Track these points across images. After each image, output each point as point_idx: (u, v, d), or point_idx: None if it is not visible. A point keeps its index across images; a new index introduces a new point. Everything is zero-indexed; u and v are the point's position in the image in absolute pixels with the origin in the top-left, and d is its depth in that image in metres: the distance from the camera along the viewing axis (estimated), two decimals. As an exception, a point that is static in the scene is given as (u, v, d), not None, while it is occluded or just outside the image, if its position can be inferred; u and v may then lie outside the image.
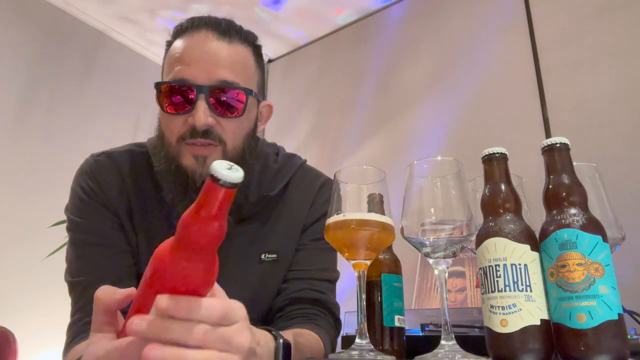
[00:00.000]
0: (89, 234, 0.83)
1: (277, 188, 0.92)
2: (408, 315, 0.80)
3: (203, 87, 0.77)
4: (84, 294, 0.79)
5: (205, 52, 0.79)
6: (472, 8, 2.36)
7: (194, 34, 0.81)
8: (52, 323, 2.20)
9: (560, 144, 0.61)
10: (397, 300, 0.75)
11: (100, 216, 0.84)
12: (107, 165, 0.87)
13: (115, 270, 0.82)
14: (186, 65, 0.78)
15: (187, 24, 0.83)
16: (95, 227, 0.83)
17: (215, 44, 0.80)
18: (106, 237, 0.83)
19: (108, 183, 0.86)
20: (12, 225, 2.22)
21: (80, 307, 0.79)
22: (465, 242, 0.63)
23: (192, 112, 0.77)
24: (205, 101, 0.77)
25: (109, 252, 0.83)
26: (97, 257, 0.82)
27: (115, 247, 0.83)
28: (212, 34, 0.80)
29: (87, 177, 0.86)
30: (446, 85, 2.32)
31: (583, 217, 0.56)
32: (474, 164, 0.71)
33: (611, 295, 0.53)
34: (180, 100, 0.78)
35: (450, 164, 0.66)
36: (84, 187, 0.85)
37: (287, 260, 0.91)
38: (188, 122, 0.78)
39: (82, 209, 0.84)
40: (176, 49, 0.81)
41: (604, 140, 1.75)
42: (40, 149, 2.44)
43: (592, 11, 1.95)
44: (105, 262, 0.82)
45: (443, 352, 0.58)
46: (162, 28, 2.92)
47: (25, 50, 2.49)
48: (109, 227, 0.84)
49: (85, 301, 0.79)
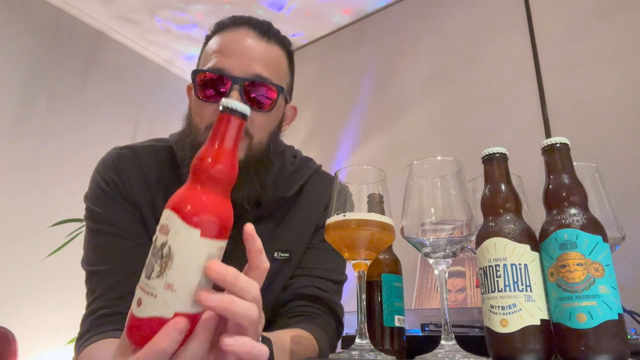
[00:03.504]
0: (109, 224, 0.82)
1: (293, 189, 0.94)
2: (408, 315, 0.80)
3: (238, 79, 0.79)
4: (101, 283, 0.79)
5: (244, 47, 0.82)
6: (472, 8, 2.36)
7: (235, 30, 0.84)
8: (52, 323, 2.21)
9: (560, 144, 0.61)
10: (397, 300, 0.75)
11: (121, 208, 0.84)
12: (130, 160, 0.87)
13: (134, 261, 0.80)
14: (225, 56, 0.81)
15: (229, 21, 0.87)
16: (115, 218, 0.83)
17: (255, 41, 0.83)
18: (126, 229, 0.83)
19: (130, 176, 0.86)
20: (12, 225, 2.22)
21: (97, 296, 0.78)
22: (466, 242, 0.63)
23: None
24: (238, 92, 0.78)
25: (128, 244, 0.82)
26: (116, 247, 0.81)
27: (135, 240, 0.82)
28: (253, 32, 0.84)
29: (108, 169, 0.86)
30: (446, 85, 2.32)
31: (583, 217, 0.56)
32: (474, 164, 0.71)
33: (611, 295, 0.53)
34: (215, 89, 0.80)
35: (450, 164, 0.66)
36: (106, 179, 0.85)
37: (298, 260, 0.92)
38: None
39: (103, 199, 0.84)
40: (216, 42, 0.84)
41: (604, 140, 1.75)
42: (40, 149, 2.44)
43: (592, 11, 1.95)
44: (124, 253, 0.81)
45: (443, 352, 0.58)
46: (162, 28, 2.92)
47: (25, 50, 2.49)
48: (130, 219, 0.84)
49: (103, 291, 0.78)
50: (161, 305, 0.40)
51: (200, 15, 2.79)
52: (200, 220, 0.41)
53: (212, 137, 0.44)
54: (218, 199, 0.42)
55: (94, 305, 0.78)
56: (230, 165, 0.43)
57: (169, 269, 0.40)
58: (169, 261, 0.40)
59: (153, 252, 0.42)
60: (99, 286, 0.79)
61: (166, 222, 0.42)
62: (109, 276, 0.79)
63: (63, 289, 2.23)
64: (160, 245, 0.41)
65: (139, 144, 0.92)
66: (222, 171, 0.43)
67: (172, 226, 0.41)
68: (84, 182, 0.89)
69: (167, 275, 0.40)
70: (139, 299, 0.41)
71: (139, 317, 0.41)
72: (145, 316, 0.40)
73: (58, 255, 2.00)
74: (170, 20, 2.86)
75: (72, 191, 2.42)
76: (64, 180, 2.45)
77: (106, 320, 0.76)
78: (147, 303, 0.40)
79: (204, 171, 0.42)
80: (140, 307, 0.41)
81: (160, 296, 0.40)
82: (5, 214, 2.22)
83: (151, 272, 0.41)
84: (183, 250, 0.41)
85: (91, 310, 0.78)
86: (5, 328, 1.69)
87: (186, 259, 0.41)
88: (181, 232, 0.41)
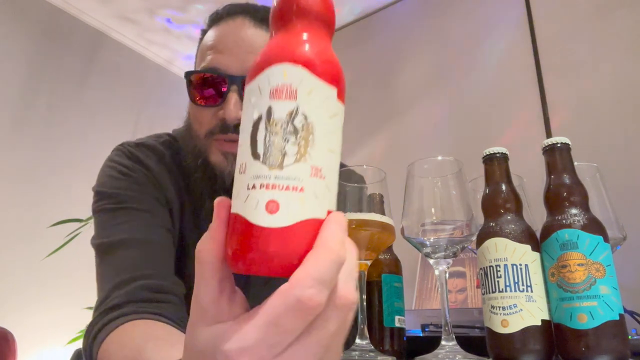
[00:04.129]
0: (133, 202, 0.72)
1: None
2: (408, 315, 0.80)
3: (236, 78, 0.70)
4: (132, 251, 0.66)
5: (240, 40, 0.72)
6: (472, 8, 2.36)
7: (229, 21, 0.75)
8: (52, 323, 2.21)
9: (561, 144, 0.61)
10: (397, 301, 0.75)
11: (147, 190, 0.74)
12: (149, 153, 0.79)
13: (166, 242, 0.70)
14: (219, 53, 0.72)
15: (223, 11, 0.77)
16: (142, 198, 0.72)
17: (252, 31, 0.73)
18: (153, 210, 0.73)
19: (152, 165, 0.77)
20: (12, 225, 2.22)
21: (125, 267, 0.64)
22: (466, 242, 0.63)
23: (223, 105, 0.71)
24: (237, 93, 0.70)
25: (156, 221, 0.72)
26: (145, 222, 0.70)
27: (163, 223, 0.73)
28: (249, 21, 0.74)
29: (126, 158, 0.77)
30: (447, 85, 2.32)
31: (584, 217, 0.56)
32: (474, 164, 0.71)
33: (612, 296, 0.52)
34: (211, 91, 0.72)
35: (451, 164, 0.66)
36: (126, 164, 0.75)
37: None
38: (218, 115, 0.71)
39: (125, 182, 0.74)
40: (210, 37, 0.75)
41: (605, 140, 1.75)
42: (40, 149, 2.44)
43: (592, 11, 1.95)
44: (156, 228, 0.70)
45: (444, 352, 0.58)
46: (162, 28, 2.92)
47: (24, 49, 2.49)
48: (157, 203, 0.74)
49: (135, 260, 0.65)
50: (312, 201, 0.28)
51: (200, 15, 2.79)
52: (336, 76, 0.31)
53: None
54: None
55: (130, 273, 0.63)
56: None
57: (311, 146, 0.28)
58: (309, 135, 0.28)
59: (272, 129, 0.29)
60: (130, 255, 0.65)
61: (286, 82, 0.29)
62: (147, 245, 0.67)
63: (63, 289, 2.23)
64: (288, 114, 0.29)
65: (147, 140, 0.82)
66: (331, 11, 0.33)
67: (301, 86, 0.29)
68: (84, 181, 0.87)
69: (310, 156, 0.28)
70: (271, 201, 0.28)
71: (277, 228, 0.27)
72: (291, 222, 0.28)
73: (58, 255, 2.00)
74: (170, 20, 2.86)
75: (72, 191, 2.43)
76: (64, 180, 2.44)
77: (154, 297, 0.61)
78: (289, 202, 0.28)
79: (324, 12, 0.32)
80: (277, 214, 0.27)
81: (309, 188, 0.28)
82: (5, 214, 2.22)
83: (282, 156, 0.28)
84: (325, 118, 0.29)
85: (126, 279, 0.62)
86: (5, 328, 1.69)
87: (330, 130, 0.30)
88: (318, 92, 0.29)
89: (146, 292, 0.61)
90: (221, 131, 0.71)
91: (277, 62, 0.30)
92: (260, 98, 0.29)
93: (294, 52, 0.30)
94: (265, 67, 0.30)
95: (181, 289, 0.67)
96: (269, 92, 0.29)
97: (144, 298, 0.61)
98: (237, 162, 0.30)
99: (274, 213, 0.27)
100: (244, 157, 0.29)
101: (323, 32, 0.32)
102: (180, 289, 0.67)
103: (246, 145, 0.29)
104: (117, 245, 0.67)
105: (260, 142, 0.29)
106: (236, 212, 0.29)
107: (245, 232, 0.28)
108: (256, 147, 0.29)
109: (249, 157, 0.29)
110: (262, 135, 0.29)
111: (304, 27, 0.32)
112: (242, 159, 0.29)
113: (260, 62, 0.30)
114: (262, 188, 0.28)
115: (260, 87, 0.30)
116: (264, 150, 0.28)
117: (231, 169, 0.71)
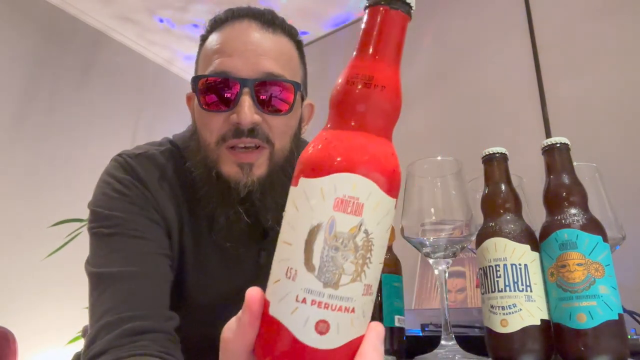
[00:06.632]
0: (130, 228, 0.69)
1: None
2: (408, 315, 0.80)
3: (247, 81, 0.67)
4: (125, 287, 0.63)
5: (248, 42, 0.70)
6: (472, 8, 2.36)
7: (234, 24, 0.73)
8: (52, 323, 2.21)
9: (560, 144, 0.61)
10: (397, 300, 0.75)
11: (145, 213, 0.71)
12: (148, 166, 0.75)
13: (163, 271, 0.68)
14: (227, 56, 0.69)
15: (226, 14, 0.75)
16: (138, 221, 0.69)
17: (259, 34, 0.72)
18: (151, 234, 0.70)
19: (151, 181, 0.74)
20: (12, 225, 2.22)
21: (114, 305, 0.62)
22: (466, 242, 0.63)
23: (236, 109, 0.68)
24: (250, 96, 0.67)
25: (155, 249, 0.69)
26: (141, 250, 0.68)
27: (161, 248, 0.70)
28: (255, 24, 0.72)
29: (124, 172, 0.73)
30: (446, 85, 2.32)
31: (583, 217, 0.56)
32: (474, 164, 0.71)
33: (611, 295, 0.53)
34: (221, 95, 0.69)
35: (450, 164, 0.66)
36: (122, 180, 0.72)
37: None
38: (230, 120, 0.68)
39: (121, 203, 0.70)
40: (214, 41, 0.72)
41: (604, 140, 1.75)
42: (40, 149, 2.44)
43: (592, 11, 1.95)
44: (150, 257, 0.68)
45: (443, 352, 0.58)
46: (162, 28, 2.92)
47: (24, 50, 2.49)
48: (153, 225, 0.71)
49: (125, 296, 0.62)
50: (360, 320, 0.27)
51: (200, 15, 2.79)
52: (396, 186, 0.29)
53: (362, 45, 0.30)
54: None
55: (108, 318, 0.60)
56: (398, 92, 0.29)
57: (368, 265, 0.27)
58: (368, 253, 0.27)
59: (332, 243, 0.27)
60: (120, 290, 0.63)
61: (354, 195, 0.27)
62: (134, 279, 0.64)
63: (63, 289, 2.23)
64: (351, 230, 0.27)
65: (149, 150, 0.78)
66: (397, 106, 0.29)
67: (369, 201, 0.27)
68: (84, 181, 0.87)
69: (365, 276, 0.27)
70: (322, 321, 0.26)
71: (324, 350, 0.26)
72: (339, 345, 0.27)
73: (58, 255, 2.00)
74: (170, 20, 2.86)
75: (72, 191, 2.43)
76: (64, 180, 2.45)
77: (143, 338, 0.59)
78: (340, 324, 0.26)
79: (397, 113, 0.29)
80: (326, 335, 0.26)
81: (359, 308, 0.27)
82: (5, 214, 2.22)
83: (339, 275, 0.27)
84: (383, 234, 0.28)
85: (105, 323, 0.60)
86: (5, 328, 1.69)
87: (384, 244, 0.28)
88: (382, 206, 0.28)
89: (131, 338, 0.60)
90: (234, 136, 0.68)
91: (346, 170, 0.27)
92: (322, 204, 0.27)
93: (367, 164, 0.28)
94: (332, 172, 0.28)
95: (172, 324, 0.64)
96: (334, 202, 0.27)
97: (129, 341, 0.59)
98: (284, 259, 0.28)
99: (324, 334, 0.26)
100: (294, 262, 0.27)
101: (390, 133, 0.30)
102: (170, 324, 0.64)
103: (299, 250, 0.27)
104: (108, 279, 0.65)
105: (316, 254, 0.27)
106: (279, 319, 0.27)
107: (289, 347, 0.27)
108: (311, 258, 0.27)
109: (301, 265, 0.27)
110: (320, 247, 0.27)
111: (375, 128, 0.29)
112: (292, 262, 0.27)
113: (325, 162, 0.28)
114: (313, 305, 0.26)
115: (323, 191, 0.27)
116: (320, 265, 0.27)
117: (247, 180, 0.69)
